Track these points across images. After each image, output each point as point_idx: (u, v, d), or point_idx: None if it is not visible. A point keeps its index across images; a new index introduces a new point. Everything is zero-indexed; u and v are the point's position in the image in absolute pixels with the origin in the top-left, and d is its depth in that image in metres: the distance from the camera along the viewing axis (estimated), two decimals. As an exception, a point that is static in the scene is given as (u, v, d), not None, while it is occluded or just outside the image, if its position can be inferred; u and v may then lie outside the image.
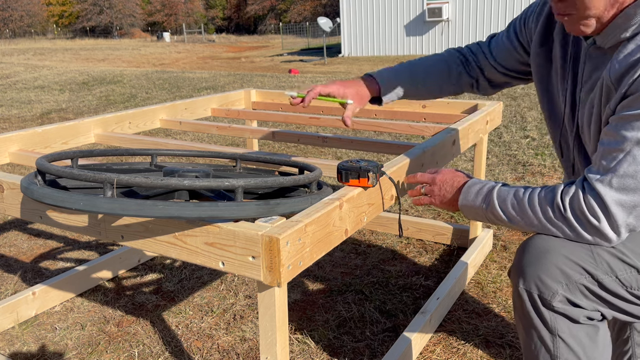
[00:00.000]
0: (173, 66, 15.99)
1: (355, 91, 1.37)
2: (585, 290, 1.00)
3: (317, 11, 43.23)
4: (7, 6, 48.91)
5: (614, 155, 0.96)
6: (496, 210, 1.09)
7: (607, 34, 1.02)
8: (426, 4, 15.71)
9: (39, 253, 2.57)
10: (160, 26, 53.04)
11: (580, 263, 1.00)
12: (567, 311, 1.01)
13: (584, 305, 1.01)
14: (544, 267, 1.01)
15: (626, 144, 0.94)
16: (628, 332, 1.36)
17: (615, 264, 1.00)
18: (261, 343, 1.04)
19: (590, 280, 1.00)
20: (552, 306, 1.01)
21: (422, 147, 1.55)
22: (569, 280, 1.00)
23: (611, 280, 1.00)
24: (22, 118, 6.60)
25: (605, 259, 1.00)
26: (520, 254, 1.06)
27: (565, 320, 1.02)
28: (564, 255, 1.00)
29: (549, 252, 1.01)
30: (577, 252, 1.00)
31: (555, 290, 1.00)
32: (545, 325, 1.03)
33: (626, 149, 0.94)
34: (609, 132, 0.98)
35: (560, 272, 1.00)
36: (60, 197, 0.98)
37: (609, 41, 1.02)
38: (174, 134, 5.13)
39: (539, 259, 1.02)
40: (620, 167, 0.95)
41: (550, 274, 1.00)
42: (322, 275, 2.24)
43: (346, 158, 4.10)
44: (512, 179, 3.40)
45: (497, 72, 1.41)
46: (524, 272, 1.04)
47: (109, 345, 1.82)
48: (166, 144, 1.87)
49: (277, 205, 1.02)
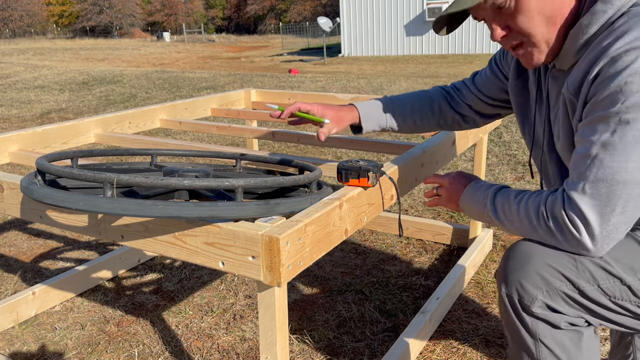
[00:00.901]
0: (173, 66, 15.99)
1: (335, 113, 1.38)
2: (566, 297, 1.00)
3: (317, 11, 43.24)
4: (7, 6, 48.91)
5: (583, 162, 0.95)
6: (490, 212, 1.11)
7: (562, 57, 1.04)
8: (426, 4, 15.71)
9: (39, 253, 2.57)
10: (160, 26, 53.05)
11: (561, 270, 0.99)
12: (547, 317, 1.01)
13: (565, 312, 1.01)
14: (525, 273, 1.02)
15: (593, 148, 0.93)
16: (629, 337, 1.35)
17: (598, 273, 0.99)
18: (261, 343, 1.04)
19: (571, 287, 0.99)
20: (531, 311, 1.02)
21: (422, 147, 1.55)
22: (549, 286, 1.00)
23: (593, 289, 0.99)
24: (22, 118, 6.60)
25: (588, 267, 0.99)
26: (505, 258, 1.07)
27: (546, 325, 1.02)
28: (546, 262, 1.00)
29: (532, 258, 1.02)
30: (559, 259, 1.00)
31: (535, 296, 1.01)
32: (527, 330, 1.04)
33: (593, 154, 0.93)
34: (577, 140, 0.98)
35: (541, 278, 1.00)
36: (60, 197, 0.98)
37: (566, 63, 1.05)
38: (174, 134, 5.13)
39: (522, 264, 1.02)
40: (590, 173, 0.93)
41: (530, 280, 1.01)
42: (322, 275, 2.24)
43: (346, 158, 4.10)
44: (512, 179, 3.40)
45: (485, 104, 1.43)
46: (506, 276, 1.05)
47: (109, 345, 1.82)
48: (166, 144, 1.87)
49: (277, 205, 1.02)
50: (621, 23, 0.93)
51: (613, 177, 0.91)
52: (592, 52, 0.96)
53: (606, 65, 0.91)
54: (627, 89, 0.88)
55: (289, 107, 1.37)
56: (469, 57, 14.57)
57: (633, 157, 0.90)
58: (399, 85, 7.62)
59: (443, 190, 1.27)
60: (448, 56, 15.31)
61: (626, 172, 0.91)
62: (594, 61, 0.94)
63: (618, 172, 0.91)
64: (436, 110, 1.47)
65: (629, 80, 0.88)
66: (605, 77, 0.91)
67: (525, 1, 0.98)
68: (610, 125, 0.91)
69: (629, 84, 0.88)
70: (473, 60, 13.86)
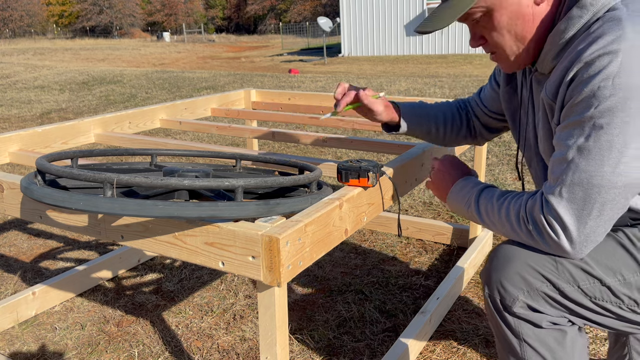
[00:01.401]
0: (173, 66, 15.99)
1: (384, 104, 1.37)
2: (547, 297, 1.01)
3: (317, 11, 43.24)
4: (7, 6, 48.92)
5: (559, 166, 0.96)
6: (474, 212, 1.12)
7: (542, 61, 1.07)
8: (426, 4, 15.72)
9: (39, 253, 2.57)
10: (160, 26, 53.06)
11: (541, 271, 1.01)
12: (529, 316, 1.03)
13: (547, 312, 1.02)
14: (506, 274, 1.03)
15: (569, 152, 0.94)
16: (624, 337, 1.36)
17: (578, 274, 1.00)
18: (261, 343, 1.04)
19: (551, 288, 1.01)
20: (513, 312, 1.03)
21: (422, 147, 1.55)
22: (529, 287, 1.01)
23: (573, 289, 1.00)
24: (22, 118, 6.60)
25: (568, 268, 1.00)
26: (489, 260, 1.09)
27: (529, 325, 1.04)
28: (527, 263, 1.02)
29: (513, 259, 1.03)
30: (540, 260, 1.01)
31: (516, 296, 1.02)
32: (511, 329, 1.05)
33: (569, 158, 0.94)
34: (555, 144, 0.99)
35: (521, 278, 1.02)
36: (60, 197, 0.97)
37: (545, 67, 1.07)
38: (174, 134, 5.14)
39: (504, 265, 1.04)
40: (567, 177, 0.94)
41: (511, 281, 1.02)
42: (322, 275, 2.24)
43: (346, 158, 4.10)
44: (512, 178, 3.40)
45: (490, 118, 1.45)
46: (489, 277, 1.06)
47: (109, 345, 1.82)
48: (166, 144, 1.87)
49: (277, 205, 1.02)
50: (596, 27, 0.94)
51: (589, 181, 0.92)
52: (568, 57, 0.97)
53: (580, 70, 0.92)
54: (600, 94, 0.89)
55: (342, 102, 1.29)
56: (469, 57, 14.57)
57: (607, 162, 0.91)
58: (399, 85, 7.63)
59: (433, 173, 1.29)
60: (448, 56, 15.31)
61: (602, 177, 0.91)
62: (569, 66, 0.95)
63: (594, 176, 0.92)
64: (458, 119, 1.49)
65: (601, 85, 0.89)
66: (579, 81, 0.92)
67: (496, 19, 1.04)
68: (585, 130, 0.92)
69: (602, 88, 0.89)
70: (473, 60, 13.86)
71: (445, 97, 6.38)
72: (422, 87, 7.33)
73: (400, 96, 2.52)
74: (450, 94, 6.53)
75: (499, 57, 1.11)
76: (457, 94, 6.48)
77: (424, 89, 7.18)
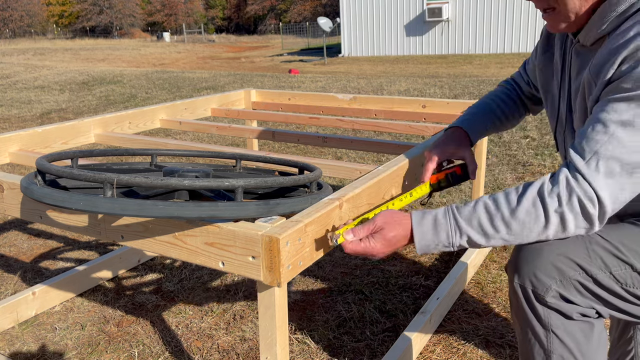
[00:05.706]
0: (173, 66, 15.99)
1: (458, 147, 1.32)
2: (580, 286, 1.01)
3: (317, 11, 43.23)
4: (7, 6, 48.91)
5: (597, 139, 0.95)
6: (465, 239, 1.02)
7: (587, 31, 1.05)
8: (426, 4, 15.71)
9: (39, 253, 2.57)
10: (160, 26, 53.04)
11: (575, 259, 1.00)
12: (560, 307, 1.02)
13: (578, 302, 1.01)
14: (538, 264, 1.02)
15: (610, 125, 0.93)
16: (631, 332, 1.36)
17: (610, 260, 1.00)
18: (261, 343, 1.04)
19: (584, 276, 1.00)
20: (545, 301, 1.02)
21: (422, 147, 1.55)
22: (562, 276, 1.00)
23: (605, 276, 1.00)
24: (22, 118, 6.60)
25: (600, 254, 1.00)
26: (517, 250, 1.07)
27: (559, 316, 1.03)
28: (559, 252, 1.01)
29: (544, 249, 1.02)
30: (571, 248, 1.01)
31: (549, 286, 1.01)
32: (539, 320, 1.04)
33: (610, 131, 0.93)
34: (592, 117, 0.98)
35: (555, 268, 1.01)
36: (60, 197, 0.98)
37: (590, 38, 1.06)
38: (174, 134, 5.14)
39: (534, 255, 1.03)
40: (606, 150, 0.93)
41: (544, 270, 1.01)
42: (322, 275, 2.24)
43: (346, 158, 4.10)
44: (512, 178, 3.40)
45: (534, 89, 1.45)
46: (519, 267, 1.05)
47: (109, 345, 1.82)
48: (166, 144, 1.87)
49: (277, 205, 1.02)
50: None
51: (629, 157, 0.92)
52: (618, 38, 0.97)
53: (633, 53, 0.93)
54: None
55: (426, 173, 1.27)
56: (469, 57, 14.57)
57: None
58: (399, 86, 7.62)
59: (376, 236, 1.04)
60: (448, 56, 15.31)
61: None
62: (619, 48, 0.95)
63: (635, 152, 0.92)
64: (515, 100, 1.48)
65: None
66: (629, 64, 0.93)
67: None
68: (632, 107, 0.92)
69: None
70: (473, 60, 13.86)
71: (445, 97, 6.38)
72: (422, 87, 7.32)
73: (400, 96, 2.52)
74: (450, 94, 6.53)
75: (556, 13, 1.06)
76: (457, 94, 6.48)
77: (424, 89, 7.18)
